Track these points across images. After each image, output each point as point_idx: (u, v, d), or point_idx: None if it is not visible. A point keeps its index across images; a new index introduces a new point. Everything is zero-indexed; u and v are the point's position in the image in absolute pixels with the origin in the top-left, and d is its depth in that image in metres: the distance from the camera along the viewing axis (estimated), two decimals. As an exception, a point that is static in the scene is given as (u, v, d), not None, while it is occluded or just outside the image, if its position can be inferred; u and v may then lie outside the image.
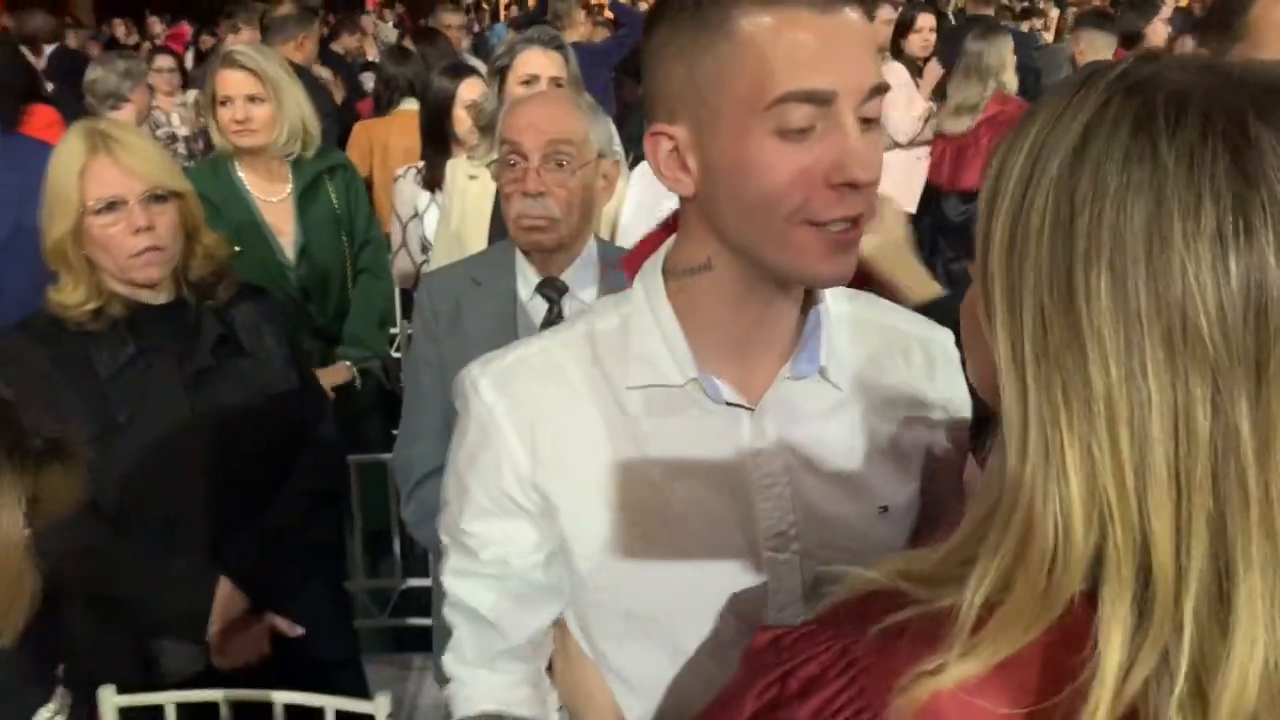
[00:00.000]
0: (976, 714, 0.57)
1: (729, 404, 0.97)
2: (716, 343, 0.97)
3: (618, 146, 1.97)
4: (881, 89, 0.89)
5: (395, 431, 3.29)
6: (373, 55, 7.25)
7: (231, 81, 2.67)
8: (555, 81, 2.63)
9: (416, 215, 3.43)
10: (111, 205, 1.76)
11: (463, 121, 3.26)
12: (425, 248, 3.36)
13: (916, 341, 1.06)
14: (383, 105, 4.51)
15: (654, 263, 1.00)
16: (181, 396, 1.80)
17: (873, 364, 1.02)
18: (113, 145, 1.77)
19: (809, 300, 0.99)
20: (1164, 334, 0.54)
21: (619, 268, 1.66)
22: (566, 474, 0.98)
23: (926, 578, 0.62)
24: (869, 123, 0.88)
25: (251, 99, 2.67)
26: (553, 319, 1.81)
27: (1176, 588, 0.54)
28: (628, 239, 2.46)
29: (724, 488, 0.96)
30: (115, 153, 1.76)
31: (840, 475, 0.98)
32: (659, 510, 0.96)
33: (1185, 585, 0.54)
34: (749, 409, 0.97)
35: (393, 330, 3.49)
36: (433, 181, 3.40)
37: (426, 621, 2.59)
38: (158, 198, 1.79)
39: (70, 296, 1.78)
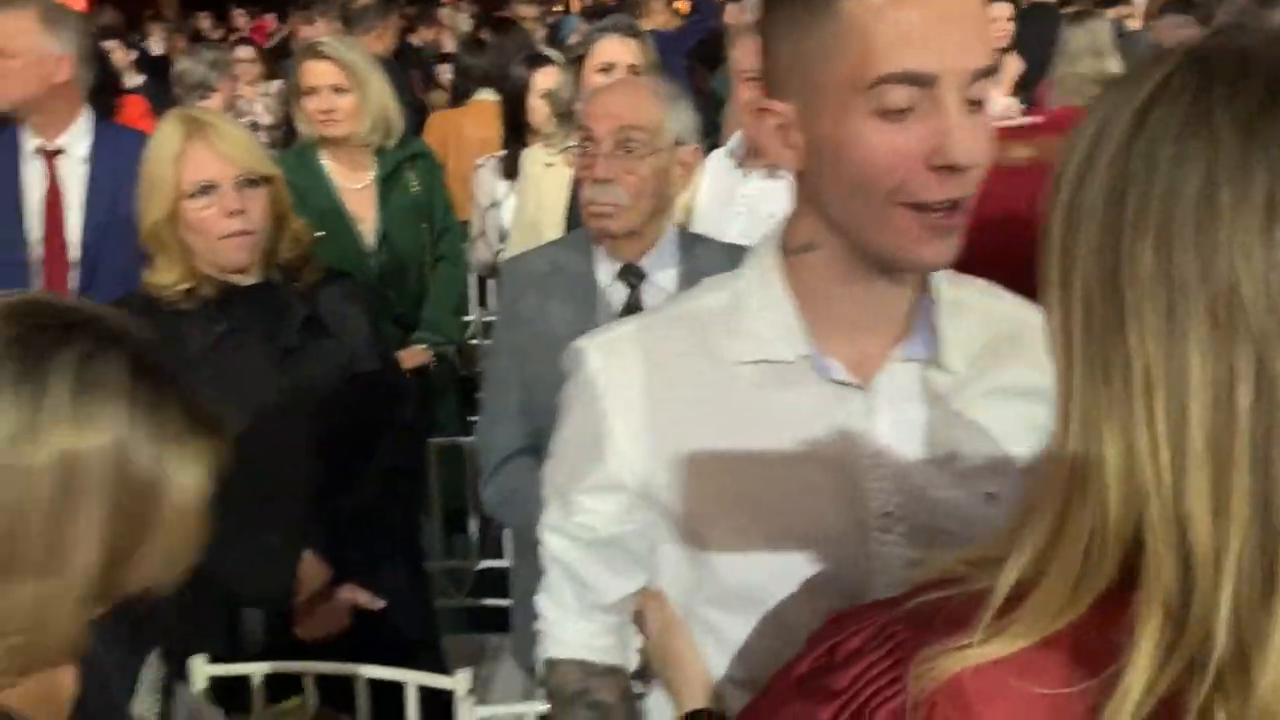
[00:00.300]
0: (1011, 693, 0.56)
1: (840, 382, 0.97)
2: (828, 321, 0.97)
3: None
4: (989, 71, 0.88)
5: (470, 417, 3.38)
6: (449, 48, 7.34)
7: (317, 72, 2.73)
8: (633, 69, 2.64)
9: (495, 204, 3.48)
10: (206, 189, 1.81)
11: (537, 111, 3.30)
12: (503, 236, 3.41)
13: (1029, 328, 1.04)
14: (459, 96, 4.58)
15: (768, 239, 1.02)
16: (269, 375, 1.85)
17: (985, 350, 1.01)
18: (208, 131, 1.82)
19: (921, 283, 0.99)
20: (1208, 306, 0.52)
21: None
22: (672, 448, 0.99)
23: (978, 560, 0.62)
24: (975, 104, 0.88)
25: (336, 89, 2.74)
26: (632, 305, 1.83)
27: (1215, 570, 0.52)
28: (701, 226, 2.47)
29: (833, 465, 0.96)
30: (210, 138, 1.82)
31: (948, 459, 0.98)
32: (766, 486, 0.97)
33: (1223, 567, 0.52)
34: (860, 388, 0.97)
35: (467, 317, 3.55)
36: (511, 171, 3.44)
37: (502, 602, 2.63)
38: (250, 182, 1.84)
39: (165, 277, 1.84)
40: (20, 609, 0.81)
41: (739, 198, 2.59)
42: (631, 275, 1.84)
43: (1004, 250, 1.26)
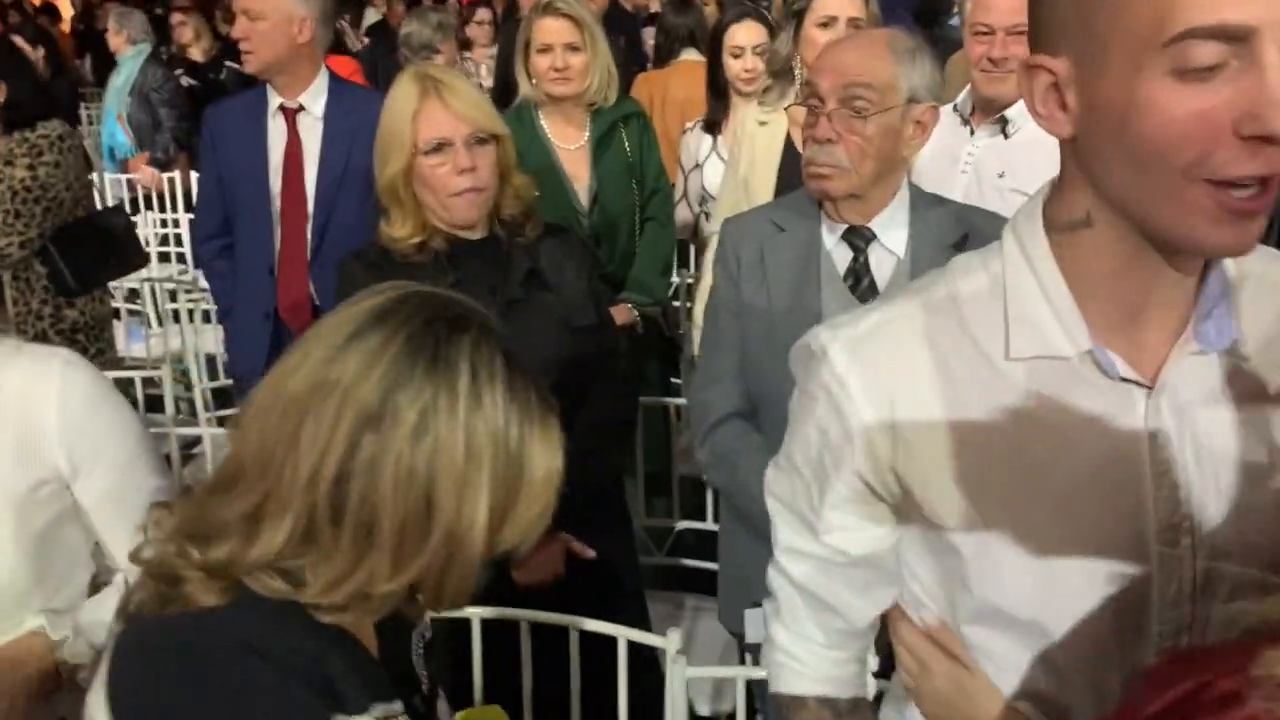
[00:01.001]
0: None
1: (1124, 380, 0.87)
2: (1105, 309, 0.86)
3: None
4: None
5: (673, 379, 3.39)
6: (655, 9, 7.33)
7: (552, 30, 2.75)
8: (854, 23, 2.55)
9: (698, 166, 3.46)
10: (439, 147, 1.86)
11: (729, 66, 3.24)
12: (704, 199, 3.39)
13: None
14: (663, 56, 4.56)
15: (1030, 212, 0.91)
16: (493, 327, 1.90)
17: None
18: (442, 89, 1.87)
19: (1210, 261, 0.87)
20: None
21: None
22: (932, 455, 0.90)
23: None
24: None
25: (571, 47, 2.75)
26: (857, 268, 1.77)
27: None
28: (923, 186, 2.37)
29: (1114, 473, 0.87)
30: (445, 96, 1.87)
31: (1247, 463, 0.87)
32: (1038, 496, 0.88)
33: None
34: (1146, 386, 0.87)
35: (672, 279, 3.55)
36: (710, 125, 3.41)
37: (700, 564, 2.64)
38: (480, 140, 1.88)
39: (399, 230, 1.91)
40: (435, 560, 0.91)
41: (964, 156, 2.47)
42: (857, 238, 1.78)
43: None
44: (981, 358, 0.89)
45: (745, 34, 3.24)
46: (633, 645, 1.76)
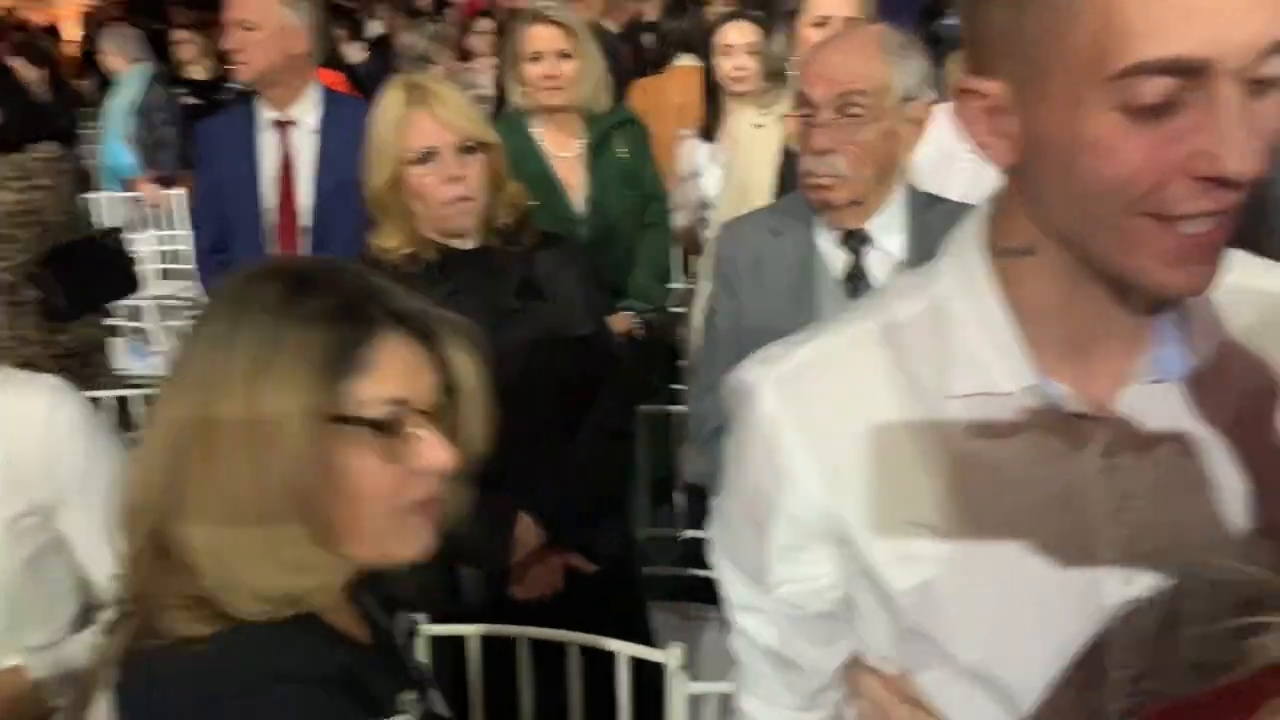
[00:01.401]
0: None
1: (1073, 414, 0.80)
2: (1054, 338, 0.79)
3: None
4: None
5: (672, 385, 3.36)
6: (651, 17, 7.31)
7: (543, 37, 2.72)
8: (850, 22, 2.52)
9: (694, 174, 3.43)
10: (426, 156, 1.84)
11: (719, 66, 3.22)
12: (702, 206, 3.36)
13: None
14: (658, 62, 4.54)
15: (966, 234, 0.83)
16: (486, 338, 1.86)
17: (1257, 347, 0.82)
18: (429, 98, 1.85)
19: None
20: None
21: None
22: (869, 499, 0.84)
23: None
24: (1262, 85, 0.66)
25: (562, 55, 2.72)
26: (854, 272, 1.74)
27: None
28: (920, 182, 2.33)
29: (1066, 514, 0.80)
30: (431, 105, 1.84)
31: (1213, 493, 0.80)
32: (987, 543, 0.82)
33: None
34: (1096, 418, 0.80)
35: (671, 286, 3.52)
36: (706, 132, 3.38)
37: (706, 573, 2.60)
38: (468, 149, 1.85)
39: (389, 241, 1.88)
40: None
41: (963, 154, 2.43)
42: (855, 241, 1.74)
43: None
44: (919, 393, 0.83)
45: (736, 33, 3.21)
46: (634, 660, 1.72)
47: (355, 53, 6.54)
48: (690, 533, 2.71)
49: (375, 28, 8.16)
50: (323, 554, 0.90)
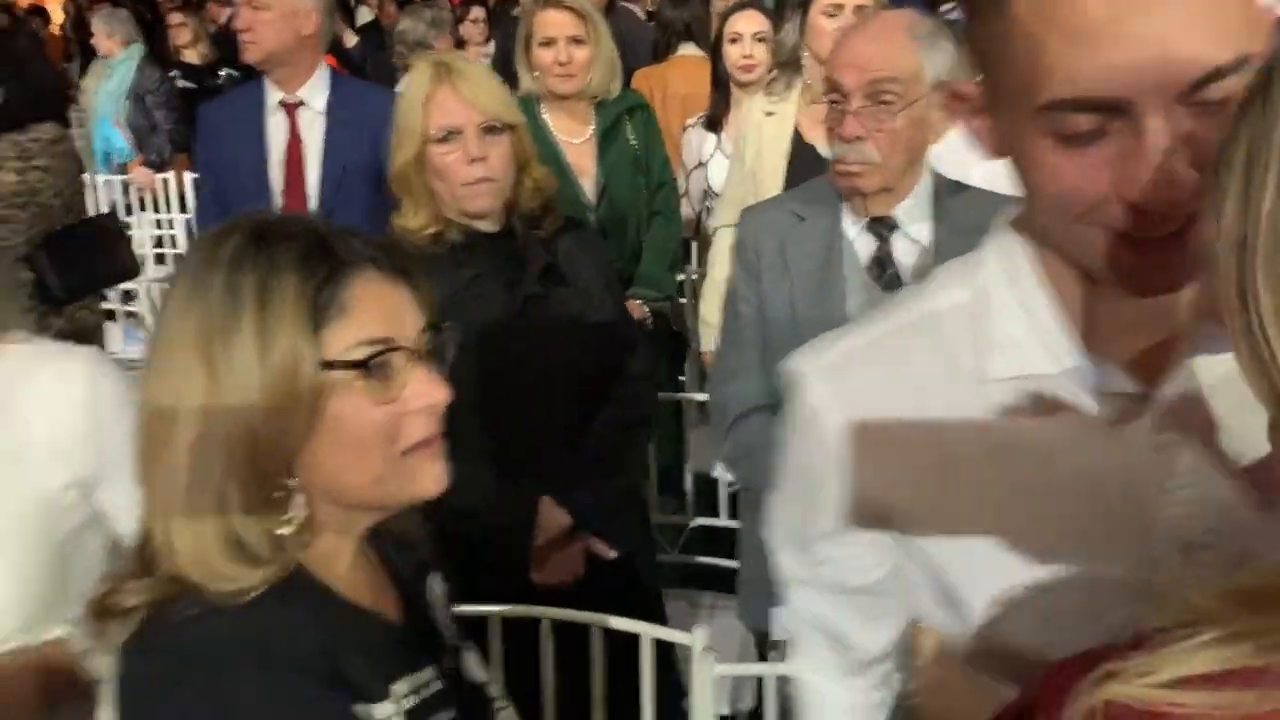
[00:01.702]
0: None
1: (1119, 394, 0.79)
2: (1100, 319, 0.79)
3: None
4: (1230, 69, 0.64)
5: (680, 377, 3.36)
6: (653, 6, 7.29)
7: (556, 22, 2.70)
8: (861, 9, 2.51)
9: (701, 164, 3.43)
10: (449, 135, 1.82)
11: (727, 54, 3.22)
12: (707, 196, 3.36)
13: None
14: (660, 51, 4.52)
15: (1009, 219, 0.84)
16: (510, 322, 1.86)
17: None
18: (455, 77, 1.83)
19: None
20: None
21: None
22: (915, 486, 0.85)
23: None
24: (1205, 106, 0.66)
25: (575, 40, 2.71)
26: (881, 257, 1.74)
27: None
28: (940, 169, 2.33)
29: (1117, 495, 0.80)
30: (456, 84, 1.82)
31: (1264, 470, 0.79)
32: (1033, 527, 0.82)
33: None
34: (1146, 396, 0.79)
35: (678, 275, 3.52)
36: (712, 122, 3.38)
37: (715, 560, 2.61)
38: (492, 129, 1.83)
39: (412, 221, 1.86)
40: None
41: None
42: (881, 227, 1.74)
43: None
44: (961, 380, 0.83)
45: (744, 21, 3.22)
46: (653, 643, 1.72)
47: (347, 37, 6.50)
48: (699, 520, 2.71)
49: (364, 15, 8.11)
50: (296, 504, 0.89)
